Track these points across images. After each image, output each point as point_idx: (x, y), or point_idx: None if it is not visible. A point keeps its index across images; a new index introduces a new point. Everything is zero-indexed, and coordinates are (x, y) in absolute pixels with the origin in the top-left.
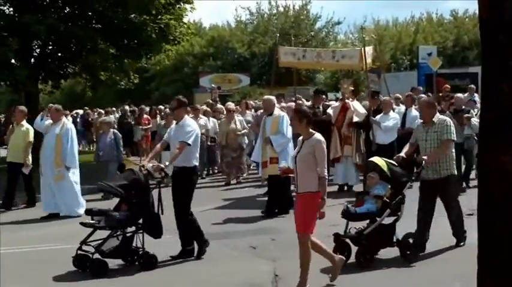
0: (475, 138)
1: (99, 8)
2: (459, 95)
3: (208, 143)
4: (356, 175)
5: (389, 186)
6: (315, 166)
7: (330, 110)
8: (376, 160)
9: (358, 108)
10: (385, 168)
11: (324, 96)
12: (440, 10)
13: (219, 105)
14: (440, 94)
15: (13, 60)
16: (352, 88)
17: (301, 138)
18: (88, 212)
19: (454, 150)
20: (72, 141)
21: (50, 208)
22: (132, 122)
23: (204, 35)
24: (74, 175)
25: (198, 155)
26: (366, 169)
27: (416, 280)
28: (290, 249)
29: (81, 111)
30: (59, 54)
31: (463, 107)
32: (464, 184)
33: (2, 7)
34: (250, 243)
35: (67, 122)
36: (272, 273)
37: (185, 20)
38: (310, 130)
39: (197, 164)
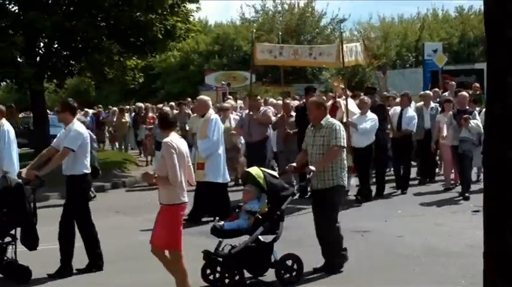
0: (474, 142)
1: (105, 5)
2: (463, 93)
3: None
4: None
5: (267, 201)
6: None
7: None
8: (253, 170)
9: (351, 107)
10: (261, 180)
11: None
12: (446, 7)
13: (232, 102)
14: (446, 93)
15: (19, 59)
16: (342, 86)
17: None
18: None
19: (345, 157)
20: (9, 144)
21: None
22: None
23: (210, 32)
24: None
25: (87, 162)
26: (242, 179)
27: (422, 278)
28: (296, 246)
29: (91, 111)
30: (64, 52)
31: (467, 107)
32: (462, 197)
33: (7, 5)
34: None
35: (5, 123)
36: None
37: (191, 19)
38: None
39: (87, 171)
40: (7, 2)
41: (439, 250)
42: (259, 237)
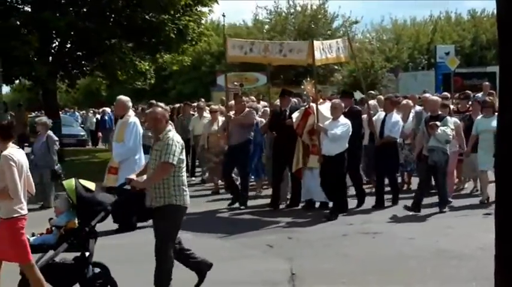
0: (444, 151)
1: (118, 5)
2: (434, 97)
3: None
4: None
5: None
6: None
7: (295, 114)
8: (66, 182)
9: (324, 112)
10: (72, 193)
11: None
12: (459, 9)
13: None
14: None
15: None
16: (315, 89)
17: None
18: None
19: (181, 174)
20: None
21: None
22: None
23: (222, 33)
24: None
25: None
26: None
27: (433, 280)
28: (307, 247)
29: (108, 109)
30: (77, 52)
31: (439, 112)
32: (440, 208)
33: (21, 4)
34: (267, 242)
35: None
36: (289, 272)
37: (203, 21)
38: None
39: None
40: (21, 2)
41: (450, 253)
42: (65, 254)
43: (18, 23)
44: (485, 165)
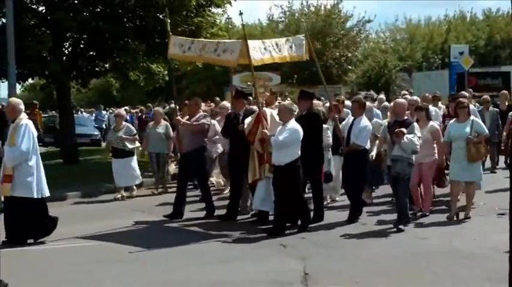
0: (410, 162)
1: (130, 5)
2: (399, 100)
3: None
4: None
5: None
6: None
7: (247, 120)
8: None
9: (276, 116)
10: None
11: (249, 99)
12: (474, 9)
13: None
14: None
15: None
16: (269, 92)
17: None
18: None
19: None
20: None
21: None
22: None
23: (236, 33)
24: None
25: None
26: None
27: (446, 280)
28: (320, 247)
29: (134, 110)
30: (90, 52)
31: (406, 117)
32: (396, 224)
33: (35, 4)
34: (280, 241)
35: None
36: (302, 272)
37: (217, 21)
38: None
39: None
40: (34, 2)
41: (463, 253)
42: None
43: (32, 23)
44: (457, 175)
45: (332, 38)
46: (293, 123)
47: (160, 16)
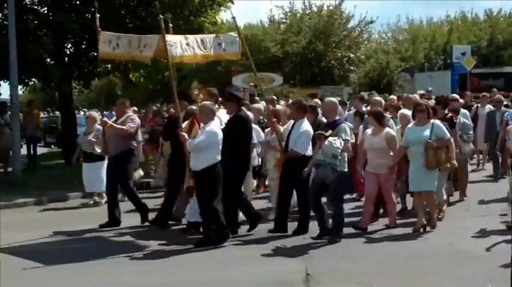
0: (334, 167)
1: (132, 5)
2: (328, 100)
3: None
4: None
5: None
6: None
7: (184, 124)
8: None
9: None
10: None
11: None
12: (475, 9)
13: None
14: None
15: (47, 59)
16: (201, 95)
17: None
18: None
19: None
20: None
21: None
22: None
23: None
24: None
25: None
26: None
27: (447, 281)
28: (322, 248)
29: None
30: (92, 53)
31: (338, 117)
32: (321, 235)
33: (36, 7)
34: (282, 242)
35: None
36: (304, 272)
37: (218, 21)
38: None
39: None
40: (36, 3)
41: (465, 253)
42: None
43: (35, 23)
44: (416, 185)
45: (334, 39)
46: (212, 126)
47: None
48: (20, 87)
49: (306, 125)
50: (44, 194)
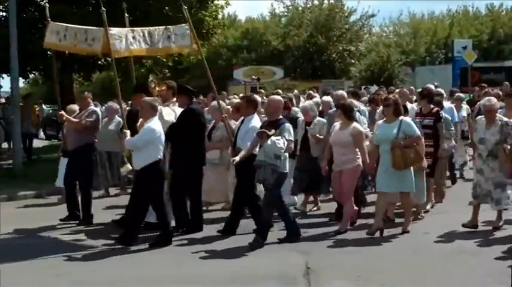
0: (274, 168)
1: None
2: (273, 97)
3: None
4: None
5: None
6: None
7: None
8: None
9: (166, 116)
10: None
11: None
12: (476, 3)
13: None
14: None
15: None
16: (161, 89)
17: None
18: None
19: None
20: None
21: None
22: None
23: (239, 27)
24: None
25: None
26: None
27: (448, 275)
28: (322, 242)
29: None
30: None
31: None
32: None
33: None
34: (283, 236)
35: None
36: (304, 266)
37: (219, 15)
38: None
39: None
40: None
41: (465, 248)
42: None
43: (32, 17)
44: (383, 185)
45: (335, 32)
46: (152, 122)
47: (163, 10)
48: (21, 80)
49: (255, 121)
50: (42, 187)
